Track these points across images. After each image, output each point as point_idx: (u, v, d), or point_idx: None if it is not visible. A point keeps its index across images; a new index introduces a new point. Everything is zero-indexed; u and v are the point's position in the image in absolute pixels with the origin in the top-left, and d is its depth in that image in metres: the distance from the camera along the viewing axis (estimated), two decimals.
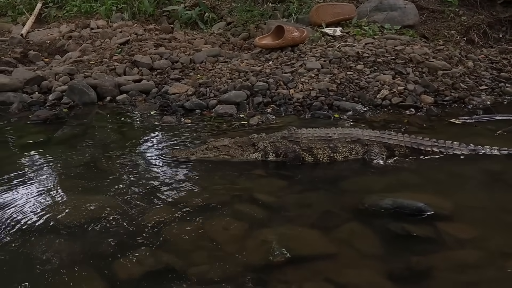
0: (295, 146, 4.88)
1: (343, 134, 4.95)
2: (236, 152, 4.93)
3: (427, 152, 4.97)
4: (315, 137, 4.90)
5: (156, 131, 6.12)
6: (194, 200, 4.21)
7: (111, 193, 4.35)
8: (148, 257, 3.37)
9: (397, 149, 4.99)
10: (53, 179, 4.72)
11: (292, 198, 4.25)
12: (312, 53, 8.31)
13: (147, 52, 9.13)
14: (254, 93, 7.11)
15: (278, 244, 3.48)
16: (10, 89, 7.72)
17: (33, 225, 3.84)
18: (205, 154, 4.92)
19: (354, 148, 4.91)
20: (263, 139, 4.99)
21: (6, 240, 3.65)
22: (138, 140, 5.78)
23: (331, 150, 4.87)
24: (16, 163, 5.14)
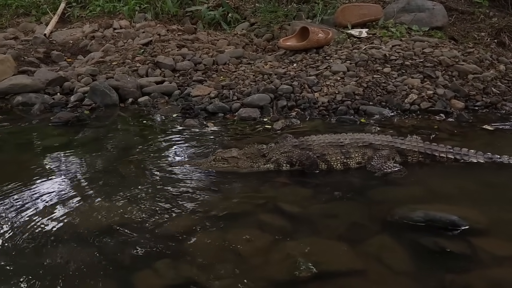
0: (309, 152, 4.73)
1: (354, 139, 4.81)
2: (245, 164, 4.75)
3: (441, 158, 4.81)
4: (327, 143, 4.76)
5: (178, 135, 5.99)
6: (216, 209, 4.08)
7: (131, 200, 4.24)
8: (169, 269, 3.25)
9: (410, 155, 4.83)
10: (72, 184, 4.63)
11: (318, 208, 4.09)
12: (338, 55, 8.12)
13: (169, 53, 9.03)
14: (278, 96, 6.95)
15: (304, 258, 3.32)
16: (32, 90, 7.69)
17: (51, 232, 3.75)
18: (212, 165, 4.74)
19: (366, 153, 4.77)
20: (274, 150, 4.81)
21: (22, 247, 3.57)
22: (160, 144, 5.67)
23: (344, 155, 4.73)
24: (36, 166, 5.07)
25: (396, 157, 4.82)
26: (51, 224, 3.86)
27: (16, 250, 3.54)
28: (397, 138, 4.96)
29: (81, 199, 4.27)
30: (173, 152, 5.39)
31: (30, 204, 4.19)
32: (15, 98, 7.60)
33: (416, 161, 4.83)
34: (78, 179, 4.74)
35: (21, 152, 5.67)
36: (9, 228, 3.80)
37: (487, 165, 4.77)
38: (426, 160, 4.82)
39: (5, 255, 3.47)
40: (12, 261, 3.40)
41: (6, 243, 3.61)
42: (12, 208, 4.13)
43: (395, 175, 4.60)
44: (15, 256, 3.46)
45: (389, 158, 4.75)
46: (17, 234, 3.72)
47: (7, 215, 4.00)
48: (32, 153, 5.55)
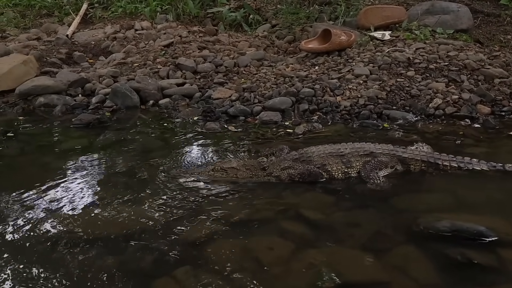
0: (309, 165, 4.65)
1: (355, 148, 4.74)
2: (244, 175, 4.68)
3: (444, 167, 4.69)
4: (327, 153, 4.69)
5: (199, 138, 5.95)
6: (237, 215, 4.02)
7: (150, 205, 4.21)
8: (189, 277, 3.21)
9: (412, 163, 4.73)
10: (92, 187, 4.63)
11: (340, 216, 4.02)
12: (360, 58, 8.01)
13: (190, 55, 9.01)
14: (300, 100, 6.88)
15: (327, 268, 3.26)
16: (54, 91, 7.72)
17: (70, 236, 3.74)
18: (210, 176, 4.68)
19: (368, 162, 4.66)
20: (274, 164, 4.73)
21: (40, 251, 3.56)
22: (180, 148, 5.63)
23: (344, 165, 4.65)
24: (57, 168, 5.08)
25: (397, 166, 4.72)
26: (70, 228, 3.85)
27: (35, 254, 3.53)
28: (398, 147, 4.86)
29: (101, 203, 4.26)
30: (194, 156, 5.35)
31: (49, 207, 4.19)
32: (37, 99, 7.64)
33: (419, 169, 4.72)
34: (98, 183, 4.73)
35: (43, 154, 5.68)
36: (29, 231, 3.79)
37: (491, 173, 4.66)
38: (429, 168, 4.71)
39: (24, 258, 3.46)
40: (30, 265, 3.39)
41: (25, 246, 3.60)
42: (32, 210, 4.13)
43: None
44: (33, 260, 3.45)
45: (386, 166, 4.67)
46: (36, 237, 3.72)
47: (27, 218, 4.00)
48: (54, 155, 5.55)
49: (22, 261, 3.44)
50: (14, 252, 3.53)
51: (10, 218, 3.99)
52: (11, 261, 3.43)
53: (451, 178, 4.62)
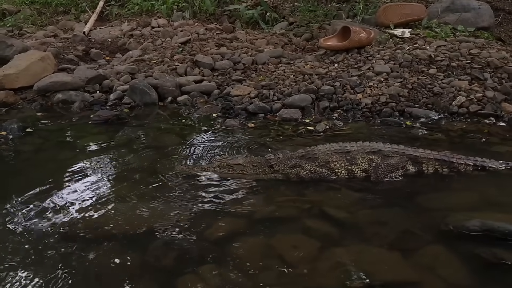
0: (315, 163, 4.56)
1: (362, 146, 4.61)
2: (250, 172, 4.60)
3: (459, 165, 4.56)
4: (332, 151, 4.58)
5: (219, 135, 5.89)
6: (260, 212, 3.96)
7: (171, 202, 4.15)
8: (214, 275, 3.14)
9: (424, 162, 4.56)
10: (112, 184, 4.58)
11: (366, 214, 3.93)
12: (380, 55, 7.91)
13: (208, 52, 8.96)
14: (320, 97, 6.79)
15: (355, 267, 3.17)
16: (72, 88, 7.69)
17: (91, 232, 3.69)
18: (216, 171, 4.61)
19: (374, 160, 4.53)
20: (282, 162, 4.63)
21: (60, 248, 3.51)
22: (200, 145, 5.56)
23: (348, 162, 4.53)
24: (76, 165, 5.02)
25: (408, 166, 4.56)
26: (91, 224, 3.80)
27: (56, 250, 3.48)
28: (409, 146, 4.72)
29: (121, 200, 4.21)
30: (214, 153, 5.28)
31: (69, 204, 4.14)
32: (55, 95, 7.62)
33: (432, 170, 4.56)
34: (118, 179, 4.68)
35: (62, 150, 5.64)
36: (48, 228, 3.75)
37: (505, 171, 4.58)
38: (444, 168, 4.56)
39: (44, 255, 3.42)
40: (51, 262, 3.34)
41: (45, 243, 3.56)
42: (51, 207, 4.08)
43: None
44: (53, 257, 3.40)
45: (398, 168, 4.52)
46: (56, 234, 3.66)
47: (46, 214, 3.95)
48: (73, 151, 5.50)
49: (42, 257, 3.40)
50: (33, 249, 3.48)
51: (29, 215, 3.94)
52: (31, 258, 3.39)
53: (474, 177, 4.52)
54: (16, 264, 3.31)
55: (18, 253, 3.44)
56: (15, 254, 3.42)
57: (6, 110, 7.31)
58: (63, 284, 3.10)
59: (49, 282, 3.12)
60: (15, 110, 7.41)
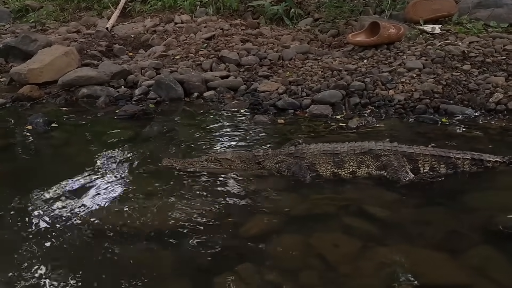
0: (301, 161, 4.42)
1: (352, 147, 4.41)
2: (238, 167, 4.52)
3: (456, 160, 4.34)
4: (321, 151, 4.41)
5: (248, 131, 5.75)
6: (296, 210, 3.83)
7: (202, 199, 4.02)
8: (253, 274, 3.01)
9: (420, 159, 4.34)
10: (140, 180, 4.47)
11: (408, 213, 3.77)
12: (411, 51, 7.70)
13: (233, 47, 8.81)
14: (350, 93, 6.59)
15: (401, 268, 3.01)
16: (97, 83, 7.60)
17: (119, 229, 3.58)
18: (204, 166, 4.52)
19: (364, 161, 4.34)
20: (269, 158, 4.54)
21: (92, 245, 3.41)
22: (230, 141, 5.43)
23: (335, 165, 4.35)
24: (103, 160, 4.94)
25: (403, 164, 4.35)
26: (120, 220, 3.69)
27: (86, 247, 3.38)
28: (403, 144, 4.52)
29: (149, 196, 4.09)
30: (244, 149, 5.13)
31: (97, 199, 4.05)
32: (80, 90, 7.53)
33: (428, 167, 4.34)
34: (147, 175, 4.56)
35: (88, 144, 5.54)
36: (76, 224, 3.64)
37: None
38: (441, 164, 4.34)
39: (75, 252, 3.32)
40: (81, 259, 3.24)
41: (75, 239, 3.45)
42: (78, 203, 3.98)
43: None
44: (84, 254, 3.30)
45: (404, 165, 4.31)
46: (85, 230, 3.56)
47: (74, 210, 3.84)
48: (99, 146, 5.38)
49: (71, 254, 3.30)
50: (62, 245, 3.39)
51: (56, 210, 3.85)
52: (60, 254, 3.29)
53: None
54: (45, 260, 3.21)
55: (46, 248, 3.34)
56: (43, 250, 3.32)
57: (30, 104, 7.24)
58: (94, 281, 3.00)
59: (79, 279, 3.02)
60: (40, 104, 7.34)
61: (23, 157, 5.30)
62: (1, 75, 8.90)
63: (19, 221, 3.70)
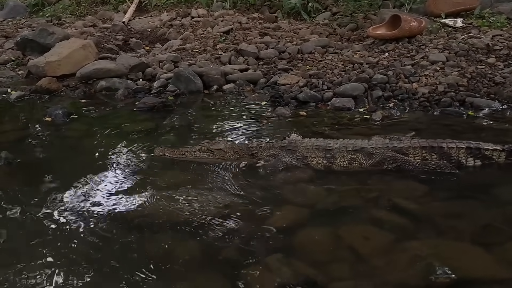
0: (293, 156, 4.36)
1: (344, 143, 4.34)
2: (231, 158, 4.46)
3: (450, 149, 4.20)
4: (314, 146, 4.35)
5: (270, 124, 5.68)
6: (323, 201, 3.75)
7: (225, 189, 3.95)
8: (283, 266, 2.92)
9: (410, 152, 4.23)
10: (162, 171, 4.40)
11: (439, 206, 3.66)
12: (433, 44, 7.57)
13: (252, 41, 8.73)
14: (372, 86, 6.48)
15: (437, 262, 2.90)
16: (116, 75, 7.56)
17: (143, 220, 3.51)
18: (196, 155, 4.46)
19: (356, 158, 4.25)
20: (263, 150, 4.49)
21: (114, 236, 3.35)
22: (252, 133, 5.35)
23: (327, 160, 4.29)
24: (123, 152, 4.88)
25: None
26: (144, 212, 3.63)
27: (110, 238, 3.32)
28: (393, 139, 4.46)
29: (172, 187, 4.01)
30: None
31: (119, 191, 3.98)
32: (98, 83, 7.50)
33: (420, 159, 4.21)
34: (168, 166, 4.49)
35: (108, 136, 5.45)
36: (100, 216, 3.59)
37: None
38: (432, 155, 4.21)
39: (99, 243, 3.26)
40: (106, 250, 3.18)
41: (98, 231, 3.39)
42: (101, 194, 3.93)
43: None
44: (109, 245, 3.24)
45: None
46: (108, 223, 3.51)
47: (97, 202, 3.80)
48: (119, 138, 5.29)
49: (95, 245, 3.24)
50: (86, 237, 3.33)
51: (79, 202, 3.80)
52: (84, 246, 3.23)
53: None
54: (70, 251, 3.16)
55: (69, 240, 3.28)
56: (66, 242, 3.26)
57: (49, 97, 7.22)
58: (120, 273, 2.94)
59: (105, 270, 2.97)
60: (58, 97, 7.33)
61: (43, 149, 5.24)
62: (19, 68, 8.88)
63: (39, 213, 3.64)
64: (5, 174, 4.43)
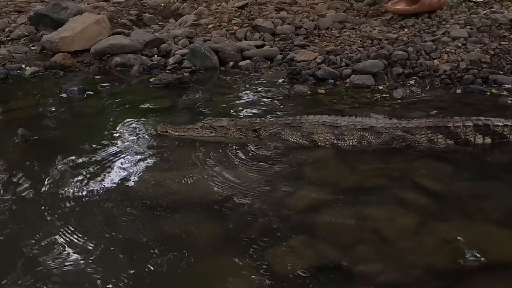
0: (297, 133, 4.29)
1: (353, 121, 4.24)
2: (234, 135, 4.41)
3: (456, 128, 4.09)
4: (320, 122, 4.26)
5: (289, 101, 5.59)
6: (345, 181, 3.66)
7: (245, 168, 3.88)
8: (307, 248, 2.86)
9: (417, 133, 4.15)
10: (181, 149, 4.31)
11: (464, 187, 3.57)
12: (454, 20, 7.40)
13: (268, 16, 8.59)
14: (392, 63, 6.35)
15: (465, 244, 2.82)
16: (130, 51, 7.47)
17: (163, 199, 3.44)
18: (199, 132, 4.43)
19: (365, 137, 4.17)
20: (266, 126, 4.42)
21: (134, 214, 3.29)
22: (271, 111, 5.25)
23: (335, 137, 4.20)
24: (141, 129, 4.84)
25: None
26: (164, 190, 3.56)
27: (131, 217, 3.25)
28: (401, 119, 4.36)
29: (192, 166, 3.93)
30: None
31: (138, 169, 3.93)
32: (113, 58, 7.43)
33: (426, 139, 4.13)
34: (186, 144, 4.39)
35: (125, 113, 5.39)
36: (120, 194, 3.53)
37: None
38: (438, 135, 4.12)
39: (119, 222, 3.20)
40: (127, 229, 3.12)
41: (118, 209, 3.34)
42: (120, 172, 3.87)
43: None
44: (130, 224, 3.18)
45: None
46: (128, 200, 3.44)
47: (116, 181, 3.74)
48: (136, 115, 5.23)
49: (116, 224, 3.19)
50: (106, 215, 3.29)
51: (98, 180, 3.74)
52: (105, 224, 3.18)
53: None
54: (91, 230, 3.11)
55: (91, 218, 3.24)
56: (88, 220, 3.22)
57: (64, 73, 7.17)
58: (143, 254, 2.88)
59: (126, 250, 2.92)
60: (73, 73, 7.28)
61: (59, 126, 5.18)
62: (32, 43, 8.82)
63: (55, 190, 3.60)
64: (22, 152, 4.39)
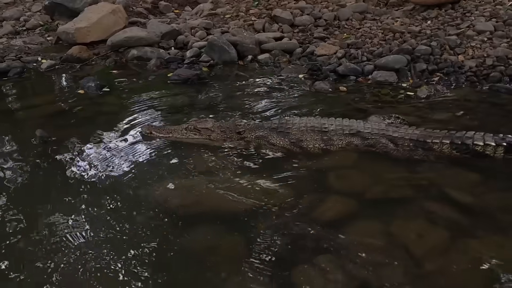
0: (285, 139, 4.17)
1: (341, 125, 4.14)
2: (218, 137, 4.33)
3: (433, 144, 3.96)
4: (308, 127, 4.15)
5: (310, 99, 5.46)
6: (370, 192, 3.55)
7: (268, 177, 3.74)
8: (334, 268, 2.77)
9: (400, 143, 4.04)
10: (201, 155, 4.18)
11: (494, 198, 3.44)
12: (479, 11, 7.15)
13: (286, 6, 8.42)
14: (415, 58, 6.17)
15: (500, 266, 2.72)
16: (147, 44, 7.37)
17: (184, 208, 3.37)
18: (183, 134, 4.37)
19: (352, 142, 4.08)
20: (250, 129, 4.32)
21: (155, 223, 3.23)
22: (292, 110, 5.11)
23: (324, 143, 4.11)
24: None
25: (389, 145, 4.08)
26: (184, 198, 3.50)
27: (151, 227, 3.19)
28: (390, 125, 4.24)
29: (212, 174, 3.83)
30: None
31: (158, 175, 3.84)
32: (129, 51, 7.33)
33: (407, 148, 4.01)
34: (206, 149, 4.27)
35: (143, 112, 5.26)
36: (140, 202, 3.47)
37: None
38: (418, 148, 4.00)
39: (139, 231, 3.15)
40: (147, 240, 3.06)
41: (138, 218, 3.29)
42: (139, 178, 3.79)
43: None
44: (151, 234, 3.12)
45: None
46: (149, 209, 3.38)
47: (135, 186, 3.67)
48: (154, 115, 5.14)
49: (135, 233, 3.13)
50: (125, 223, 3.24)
51: (117, 186, 3.69)
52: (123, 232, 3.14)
53: None
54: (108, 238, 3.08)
55: (108, 226, 3.21)
56: (106, 228, 3.18)
57: (80, 66, 7.10)
58: (163, 267, 2.83)
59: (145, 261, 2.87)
60: (89, 66, 7.19)
61: (77, 125, 5.05)
62: (48, 34, 8.74)
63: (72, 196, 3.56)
64: (40, 155, 4.29)
